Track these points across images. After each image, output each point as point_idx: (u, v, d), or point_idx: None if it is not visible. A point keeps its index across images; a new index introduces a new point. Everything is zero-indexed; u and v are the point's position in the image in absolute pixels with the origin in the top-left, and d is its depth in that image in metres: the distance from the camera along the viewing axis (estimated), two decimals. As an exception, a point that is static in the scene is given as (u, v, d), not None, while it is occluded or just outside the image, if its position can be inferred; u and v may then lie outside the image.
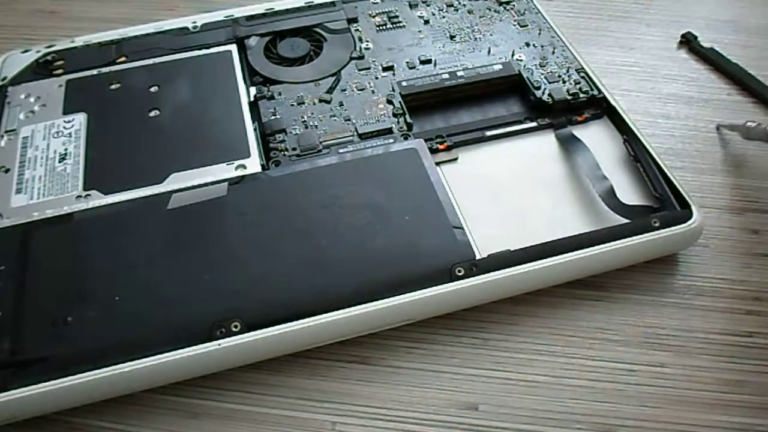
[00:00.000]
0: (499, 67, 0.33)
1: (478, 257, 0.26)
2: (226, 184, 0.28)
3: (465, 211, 0.27)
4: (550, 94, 0.32)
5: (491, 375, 0.25)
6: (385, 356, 0.26)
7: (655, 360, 0.25)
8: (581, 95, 0.32)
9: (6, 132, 0.31)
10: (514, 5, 0.37)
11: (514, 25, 0.36)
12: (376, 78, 0.33)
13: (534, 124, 0.32)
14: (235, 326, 0.24)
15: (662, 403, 0.24)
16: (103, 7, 0.43)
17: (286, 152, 0.29)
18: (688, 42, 0.39)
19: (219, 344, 0.23)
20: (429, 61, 0.34)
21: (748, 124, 0.31)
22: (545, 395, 0.25)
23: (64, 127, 0.31)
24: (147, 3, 0.43)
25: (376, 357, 0.26)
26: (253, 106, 0.32)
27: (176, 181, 0.28)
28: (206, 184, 0.28)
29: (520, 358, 0.26)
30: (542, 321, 0.27)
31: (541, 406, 0.24)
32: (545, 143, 0.31)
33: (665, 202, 0.28)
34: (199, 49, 0.35)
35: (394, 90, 0.32)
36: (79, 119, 0.31)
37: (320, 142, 0.30)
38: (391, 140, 0.30)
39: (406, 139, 0.30)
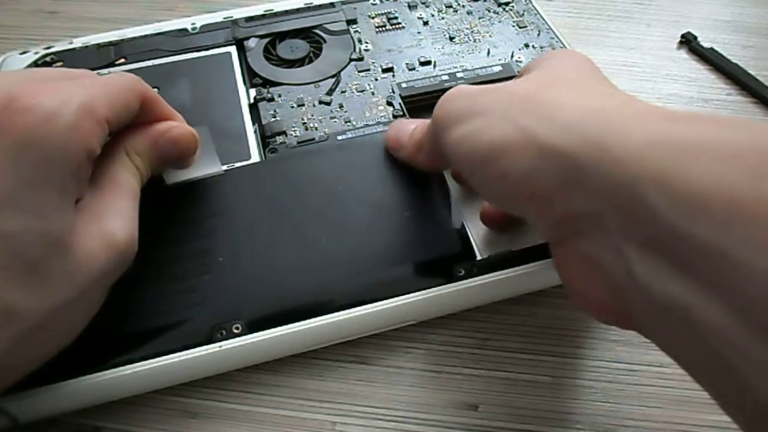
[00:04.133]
0: (499, 68, 0.33)
1: (478, 258, 0.26)
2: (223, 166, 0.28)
3: (466, 211, 0.27)
4: (549, 95, 0.32)
5: (491, 375, 0.25)
6: (385, 356, 0.26)
7: (655, 360, 0.25)
8: (581, 95, 0.32)
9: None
10: (513, 6, 0.37)
11: (513, 26, 0.36)
12: (376, 79, 0.33)
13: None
14: (236, 328, 0.24)
15: (662, 403, 0.24)
16: (103, 7, 0.43)
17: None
18: (688, 42, 0.39)
19: (220, 346, 0.23)
20: (428, 63, 0.34)
21: None
22: (545, 395, 0.25)
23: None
24: (147, 3, 0.43)
25: (376, 357, 0.26)
26: (253, 107, 0.32)
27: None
28: None
29: (520, 358, 0.26)
30: (542, 321, 0.27)
31: (541, 406, 0.24)
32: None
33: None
34: (199, 50, 0.35)
35: (393, 91, 0.32)
36: (80, 121, 0.31)
37: (320, 144, 0.30)
38: None
39: None
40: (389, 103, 0.32)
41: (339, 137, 0.29)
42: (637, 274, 0.16)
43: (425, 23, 0.36)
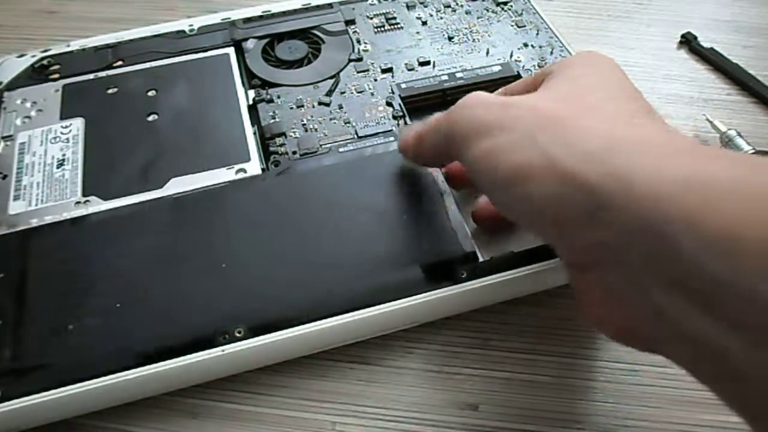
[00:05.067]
0: (498, 68, 0.33)
1: (481, 259, 0.26)
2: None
3: (467, 214, 0.27)
4: (548, 95, 0.32)
5: (491, 375, 0.25)
6: (385, 356, 0.26)
7: (655, 360, 0.25)
8: (580, 95, 0.32)
9: (2, 138, 0.30)
10: (511, 6, 0.37)
11: (512, 25, 0.36)
12: (375, 80, 0.33)
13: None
14: (239, 332, 0.23)
15: (662, 403, 0.24)
16: (103, 7, 0.43)
17: (286, 155, 0.29)
18: (688, 42, 0.39)
19: (223, 350, 0.23)
20: (428, 63, 0.34)
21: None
22: (545, 395, 0.25)
23: (62, 133, 0.31)
24: (147, 3, 0.43)
25: (376, 357, 0.26)
26: (252, 109, 0.32)
27: (176, 185, 0.28)
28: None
29: (520, 358, 0.26)
30: (543, 321, 0.27)
31: (541, 406, 0.24)
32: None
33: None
34: (197, 52, 0.35)
35: (393, 92, 0.32)
36: (77, 124, 0.31)
37: (320, 146, 0.30)
38: (392, 138, 0.30)
39: None
40: (389, 104, 0.32)
41: (341, 149, 0.29)
42: (665, 313, 0.16)
43: (424, 23, 0.36)
